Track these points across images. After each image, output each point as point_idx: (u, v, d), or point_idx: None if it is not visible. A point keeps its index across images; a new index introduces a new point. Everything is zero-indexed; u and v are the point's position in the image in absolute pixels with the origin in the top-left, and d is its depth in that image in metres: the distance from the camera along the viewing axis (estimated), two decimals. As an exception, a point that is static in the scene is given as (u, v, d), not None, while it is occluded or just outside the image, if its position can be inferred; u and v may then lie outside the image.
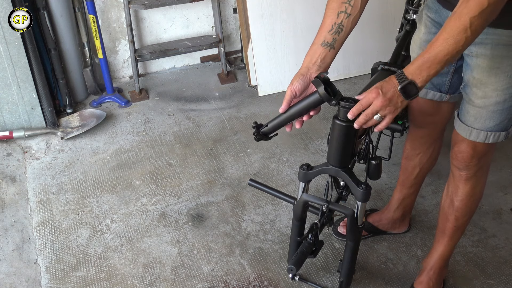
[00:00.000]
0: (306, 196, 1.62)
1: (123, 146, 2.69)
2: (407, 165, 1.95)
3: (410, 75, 1.23)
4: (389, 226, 2.11)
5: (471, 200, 1.67)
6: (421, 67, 1.23)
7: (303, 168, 1.59)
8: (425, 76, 1.23)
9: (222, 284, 1.95)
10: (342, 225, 2.13)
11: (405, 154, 1.94)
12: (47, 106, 2.72)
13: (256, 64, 3.07)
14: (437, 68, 1.22)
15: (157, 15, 3.17)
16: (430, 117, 1.75)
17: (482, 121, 1.47)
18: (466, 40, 1.19)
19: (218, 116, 2.94)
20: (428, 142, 1.86)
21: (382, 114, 1.27)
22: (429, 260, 1.86)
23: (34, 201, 2.33)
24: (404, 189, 2.01)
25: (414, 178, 1.96)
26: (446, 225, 1.75)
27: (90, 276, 1.98)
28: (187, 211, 2.27)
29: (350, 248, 1.68)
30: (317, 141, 2.68)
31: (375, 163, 1.56)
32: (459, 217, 1.71)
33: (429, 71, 1.23)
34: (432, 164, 1.93)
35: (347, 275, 1.75)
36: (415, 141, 1.89)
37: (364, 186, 1.52)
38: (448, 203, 1.72)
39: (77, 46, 2.91)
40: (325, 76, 1.37)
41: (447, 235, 1.77)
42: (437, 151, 1.90)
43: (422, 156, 1.89)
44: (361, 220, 1.61)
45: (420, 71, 1.23)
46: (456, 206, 1.69)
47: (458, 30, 1.18)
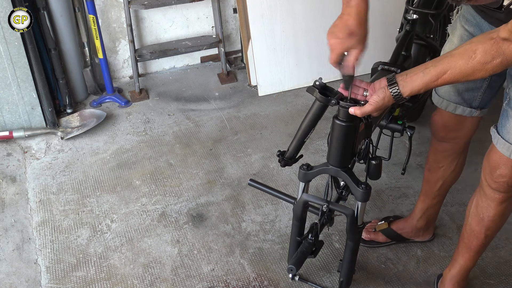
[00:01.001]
0: (306, 196, 1.62)
1: (123, 146, 2.69)
2: (429, 177, 1.90)
3: (398, 78, 1.27)
4: (412, 234, 2.07)
5: (503, 219, 1.60)
6: (410, 71, 1.27)
7: (303, 168, 1.59)
8: (416, 80, 1.27)
9: (222, 284, 1.95)
10: (364, 230, 2.09)
11: (428, 166, 1.89)
12: (47, 106, 2.72)
13: (256, 64, 3.07)
14: (433, 75, 1.25)
15: (157, 15, 3.17)
16: (454, 132, 1.72)
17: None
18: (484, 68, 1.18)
19: (218, 116, 2.94)
20: (451, 156, 1.80)
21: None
22: (451, 272, 1.81)
23: (34, 201, 2.33)
24: (427, 199, 1.96)
25: (437, 190, 1.91)
26: (473, 241, 1.68)
27: (90, 276, 1.98)
28: (187, 211, 2.27)
29: (350, 248, 1.68)
30: (317, 141, 2.68)
31: (375, 163, 1.55)
32: (489, 235, 1.65)
33: (423, 78, 1.26)
34: (456, 177, 1.88)
35: (347, 275, 1.75)
36: (437, 154, 1.83)
37: (364, 186, 1.52)
38: (477, 221, 1.63)
39: (77, 46, 2.91)
40: (320, 83, 1.40)
41: (473, 250, 1.71)
42: (461, 165, 1.84)
43: (445, 169, 1.84)
44: (361, 220, 1.61)
45: (408, 73, 1.27)
46: (487, 225, 1.61)
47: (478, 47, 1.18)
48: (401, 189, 2.38)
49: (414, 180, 2.43)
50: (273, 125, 2.85)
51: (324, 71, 3.17)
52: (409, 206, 2.29)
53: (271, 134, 2.78)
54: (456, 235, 2.15)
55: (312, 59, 3.14)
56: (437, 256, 2.06)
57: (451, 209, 2.25)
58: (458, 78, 1.21)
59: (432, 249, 2.09)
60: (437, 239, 2.13)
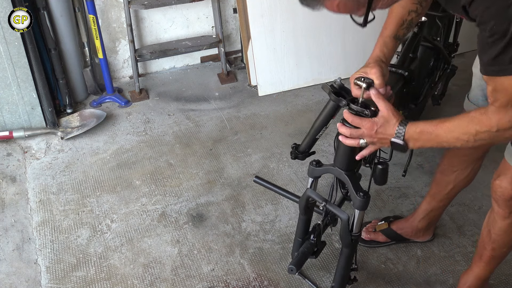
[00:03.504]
0: (310, 192, 1.61)
1: (123, 146, 2.69)
2: (440, 179, 1.88)
3: (407, 136, 1.26)
4: (412, 234, 2.06)
5: (509, 237, 1.59)
6: (421, 135, 1.25)
7: (312, 164, 1.60)
8: (419, 145, 1.27)
9: (222, 284, 1.95)
10: (364, 230, 2.09)
11: (441, 168, 1.87)
12: (47, 106, 2.72)
13: (256, 64, 3.07)
14: (433, 145, 1.25)
15: (157, 15, 3.17)
16: None
17: None
18: (466, 144, 1.20)
19: (218, 116, 2.94)
20: (467, 162, 1.78)
21: (367, 142, 1.33)
22: (466, 277, 1.80)
23: (34, 201, 2.33)
24: (433, 201, 1.95)
25: (446, 193, 1.89)
26: (484, 252, 1.68)
27: (90, 276, 1.98)
28: (187, 211, 2.27)
29: (344, 254, 1.64)
30: (317, 141, 2.67)
31: (382, 168, 1.52)
32: (496, 248, 1.64)
33: (424, 144, 1.26)
34: (467, 183, 1.85)
35: (340, 282, 1.70)
36: (453, 158, 1.81)
37: (363, 194, 1.48)
38: (486, 233, 1.64)
39: (77, 46, 2.91)
40: (339, 83, 1.43)
41: (484, 261, 1.71)
42: (475, 171, 1.82)
43: (459, 174, 1.81)
44: (358, 229, 1.56)
45: (418, 139, 1.26)
46: (493, 238, 1.61)
47: (463, 131, 1.18)
48: (401, 189, 2.38)
49: (414, 180, 2.43)
50: (273, 125, 2.85)
51: (324, 71, 3.18)
52: (409, 206, 2.29)
53: (271, 134, 2.78)
54: (456, 235, 2.15)
55: (312, 59, 3.14)
56: (437, 256, 2.06)
57: (451, 209, 2.25)
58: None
59: (432, 249, 2.09)
60: (437, 239, 2.12)
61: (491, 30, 1.02)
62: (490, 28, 1.02)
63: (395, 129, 1.26)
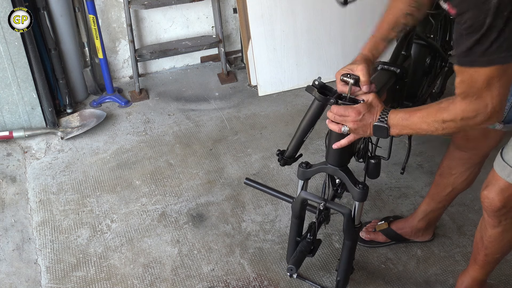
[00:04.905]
0: (305, 194, 1.62)
1: (123, 146, 2.69)
2: (440, 181, 1.89)
3: (391, 121, 1.30)
4: (412, 234, 2.06)
5: (501, 244, 1.60)
6: (400, 121, 1.30)
7: (302, 166, 1.60)
8: (397, 132, 1.31)
9: (222, 284, 1.95)
10: (364, 230, 2.10)
11: (440, 171, 1.88)
12: (47, 106, 2.72)
13: (256, 64, 3.07)
14: (409, 132, 1.31)
15: (157, 15, 3.17)
16: (474, 142, 1.70)
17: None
18: (435, 131, 1.24)
19: (218, 116, 2.94)
20: (466, 165, 1.78)
21: (349, 129, 1.35)
22: (463, 278, 1.81)
23: (34, 201, 2.33)
24: (432, 202, 1.96)
25: (445, 195, 1.90)
26: (477, 256, 1.69)
27: (90, 276, 1.98)
28: (187, 211, 2.27)
29: (347, 247, 1.67)
30: (317, 141, 2.68)
31: (374, 162, 1.56)
32: (489, 254, 1.65)
33: (401, 130, 1.31)
34: (466, 187, 1.86)
35: (344, 274, 1.74)
36: (453, 160, 1.81)
37: (362, 186, 1.52)
38: (479, 238, 1.65)
39: (77, 46, 2.91)
40: (319, 82, 1.42)
41: (478, 264, 1.71)
42: (474, 175, 1.82)
43: (457, 177, 1.82)
44: (359, 220, 1.61)
45: (396, 125, 1.30)
46: (486, 245, 1.62)
47: (433, 119, 1.23)
48: (401, 189, 2.38)
49: (414, 180, 2.43)
50: (273, 125, 2.85)
51: (324, 71, 3.18)
52: (409, 206, 2.29)
53: (271, 134, 2.78)
54: (456, 235, 2.15)
55: (312, 59, 3.14)
56: (437, 256, 2.06)
57: (451, 209, 2.25)
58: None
59: (432, 249, 2.09)
60: (437, 239, 2.13)
61: (467, 22, 1.05)
62: (466, 20, 1.05)
63: (378, 115, 1.32)
